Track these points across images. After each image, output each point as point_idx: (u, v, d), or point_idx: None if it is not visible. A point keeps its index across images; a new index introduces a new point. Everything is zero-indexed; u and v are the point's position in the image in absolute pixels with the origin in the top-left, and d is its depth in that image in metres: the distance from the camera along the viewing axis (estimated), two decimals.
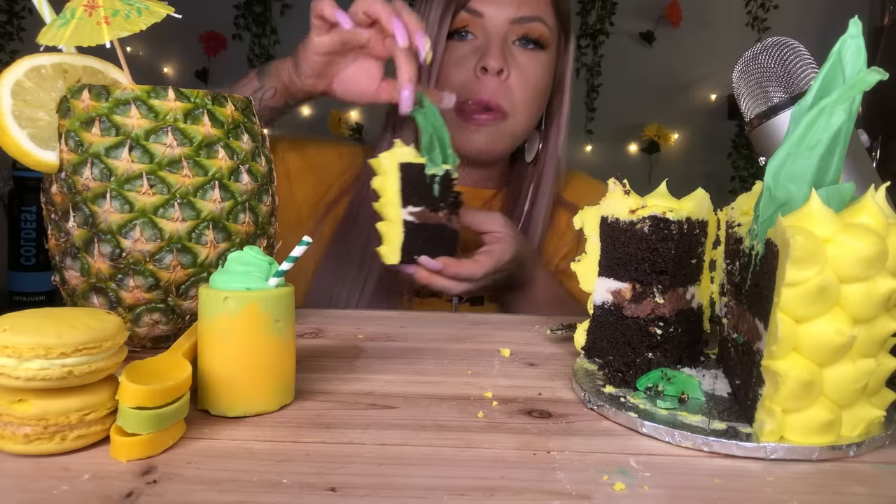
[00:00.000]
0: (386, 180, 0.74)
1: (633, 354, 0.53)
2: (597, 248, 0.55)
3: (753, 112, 0.58)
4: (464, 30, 0.94)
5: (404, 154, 0.74)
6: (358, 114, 2.83)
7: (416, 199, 0.75)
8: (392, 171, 0.74)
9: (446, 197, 0.77)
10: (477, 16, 0.93)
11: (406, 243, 0.75)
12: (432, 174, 0.75)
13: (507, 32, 0.93)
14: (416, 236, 0.76)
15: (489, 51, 0.92)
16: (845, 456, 0.39)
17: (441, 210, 0.77)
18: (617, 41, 2.78)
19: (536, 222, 0.98)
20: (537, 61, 0.95)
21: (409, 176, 0.74)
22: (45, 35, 0.54)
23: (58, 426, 0.36)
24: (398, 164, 0.74)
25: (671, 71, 2.79)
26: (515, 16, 0.92)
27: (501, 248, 0.80)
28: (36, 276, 1.43)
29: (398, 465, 0.37)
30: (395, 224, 0.75)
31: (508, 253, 0.80)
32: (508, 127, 0.95)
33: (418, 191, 0.75)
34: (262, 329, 0.43)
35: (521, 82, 0.94)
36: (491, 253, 0.80)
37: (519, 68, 0.94)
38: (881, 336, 0.39)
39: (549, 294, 0.89)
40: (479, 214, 0.83)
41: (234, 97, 0.58)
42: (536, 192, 0.99)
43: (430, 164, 0.75)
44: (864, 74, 0.39)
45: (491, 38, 0.93)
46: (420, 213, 0.76)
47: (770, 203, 0.42)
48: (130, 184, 0.52)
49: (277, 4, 2.76)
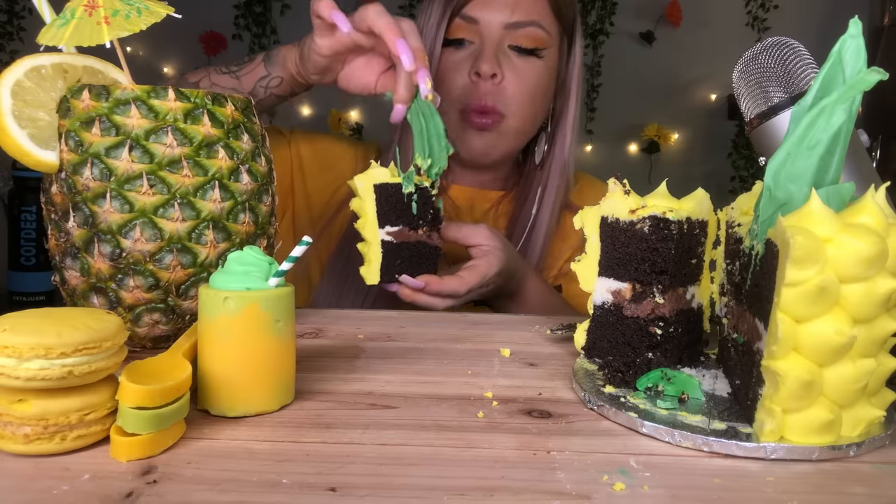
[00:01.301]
0: (362, 202, 0.74)
1: (633, 354, 0.53)
2: (597, 248, 0.55)
3: (753, 112, 0.58)
4: (460, 38, 0.94)
5: (379, 175, 0.75)
6: (358, 113, 2.82)
7: (394, 218, 0.76)
8: (367, 193, 0.74)
9: (425, 214, 0.77)
10: (472, 22, 0.93)
11: (385, 263, 0.76)
12: (409, 192, 0.76)
13: (501, 37, 0.93)
14: (395, 255, 0.76)
15: (482, 55, 0.92)
16: (845, 456, 0.39)
17: (420, 227, 0.77)
18: (617, 41, 2.78)
19: (542, 226, 0.98)
20: (534, 64, 0.95)
21: (384, 196, 0.75)
22: (45, 35, 0.54)
23: (58, 426, 0.36)
24: (373, 185, 0.74)
25: (671, 71, 2.80)
26: (510, 21, 0.92)
27: (488, 261, 0.79)
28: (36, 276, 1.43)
29: (398, 465, 0.37)
30: (373, 245, 0.75)
31: (495, 266, 0.79)
32: (506, 129, 0.95)
33: (395, 210, 0.75)
34: (262, 329, 0.43)
35: (518, 85, 0.94)
36: (476, 268, 0.79)
37: (515, 71, 0.93)
38: (881, 336, 0.39)
39: (540, 304, 0.88)
40: (463, 228, 0.82)
41: (233, 97, 0.58)
42: (543, 195, 0.99)
43: (432, 164, 0.76)
44: (864, 74, 0.39)
45: (485, 42, 0.93)
46: (398, 233, 0.76)
47: (770, 203, 0.42)
48: (130, 184, 0.52)
49: (277, 4, 2.76)
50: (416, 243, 0.78)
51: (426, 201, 0.77)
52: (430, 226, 0.78)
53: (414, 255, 0.78)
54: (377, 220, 0.75)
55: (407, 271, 0.77)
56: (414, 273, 0.77)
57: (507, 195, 1.04)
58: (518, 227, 1.00)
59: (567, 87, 1.01)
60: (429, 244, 0.79)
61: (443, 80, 0.95)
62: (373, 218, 0.75)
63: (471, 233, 0.82)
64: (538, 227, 0.98)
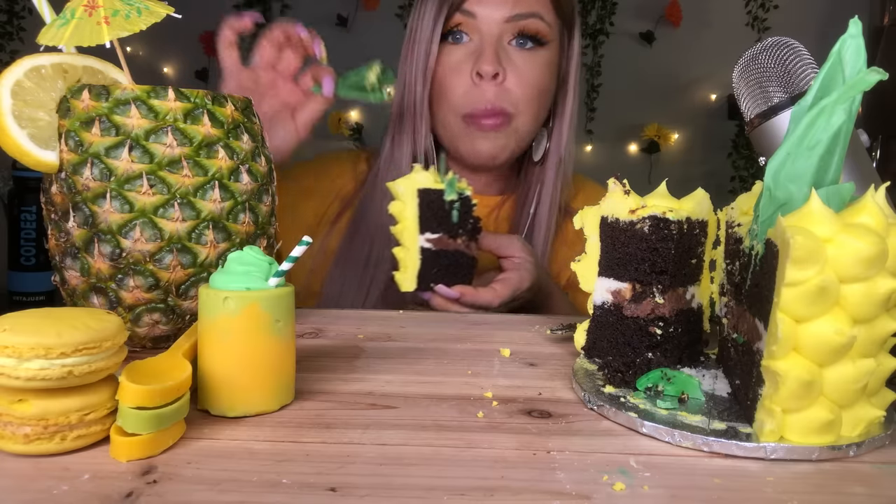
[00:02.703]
0: (403, 206, 0.72)
1: (633, 354, 0.53)
2: (597, 248, 0.55)
3: (753, 112, 0.58)
4: (458, 31, 0.92)
5: (422, 179, 0.72)
6: (358, 114, 2.83)
7: (434, 225, 0.74)
8: (410, 197, 0.72)
9: (465, 223, 0.75)
10: (470, 17, 0.91)
11: (422, 270, 0.74)
12: (451, 200, 0.74)
13: (501, 32, 0.92)
14: (432, 263, 0.74)
15: (483, 55, 0.90)
16: (845, 456, 0.39)
17: (459, 236, 0.75)
18: (617, 41, 2.78)
19: (540, 225, 0.97)
20: (535, 60, 0.93)
21: (427, 202, 0.72)
22: (45, 35, 0.54)
23: (58, 426, 0.36)
24: (416, 189, 0.72)
25: (671, 71, 2.80)
26: (510, 14, 0.91)
27: (520, 275, 0.78)
28: (36, 276, 1.43)
29: (398, 465, 0.37)
30: (411, 251, 0.73)
31: (527, 281, 0.79)
32: (515, 129, 0.94)
33: (436, 217, 0.73)
34: (262, 329, 0.43)
35: (520, 82, 0.92)
36: (508, 281, 0.78)
37: (516, 69, 0.92)
38: (881, 336, 0.39)
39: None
40: (497, 238, 0.82)
41: (233, 97, 0.58)
42: (541, 192, 0.98)
43: (448, 190, 0.74)
44: (864, 74, 0.39)
45: (485, 39, 0.91)
46: (437, 240, 0.74)
47: (770, 203, 0.42)
48: (130, 184, 0.52)
49: (277, 4, 2.76)
50: (454, 252, 0.76)
51: (467, 210, 0.75)
52: (469, 235, 0.76)
53: (451, 265, 0.76)
54: (418, 225, 0.73)
55: (443, 280, 0.75)
56: (449, 283, 0.75)
57: (506, 199, 1.03)
58: (518, 230, 0.99)
59: (566, 83, 1.00)
60: (466, 254, 0.77)
61: (442, 82, 0.93)
62: (413, 223, 0.73)
63: (505, 243, 0.81)
64: (537, 227, 0.97)
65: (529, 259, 0.80)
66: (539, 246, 0.96)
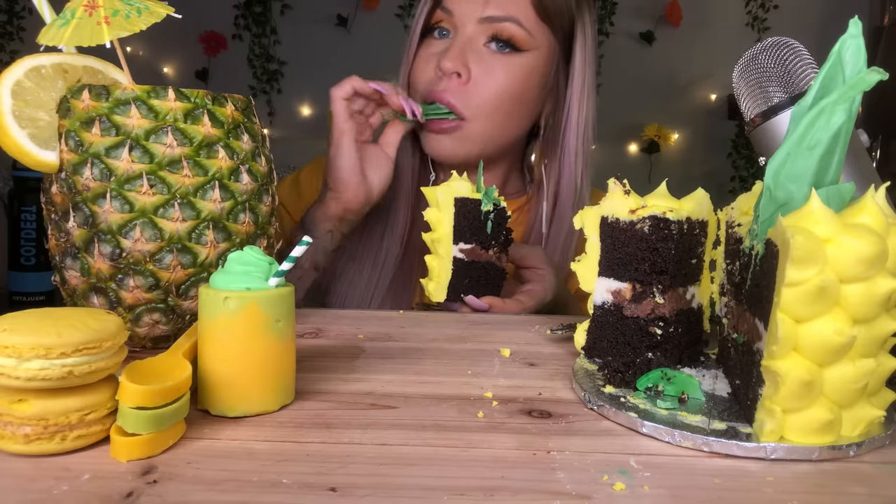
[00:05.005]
0: (441, 214, 0.71)
1: (633, 354, 0.53)
2: (597, 248, 0.55)
3: (753, 112, 0.58)
4: (441, 27, 0.92)
5: (460, 188, 0.71)
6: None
7: (468, 235, 0.73)
8: (447, 205, 0.71)
9: (499, 234, 0.75)
10: (448, 13, 0.90)
11: (453, 281, 0.73)
12: (487, 210, 0.73)
13: (475, 33, 0.89)
14: (464, 274, 0.74)
15: (448, 52, 0.89)
16: (845, 456, 0.39)
17: (492, 248, 0.75)
18: (617, 41, 2.78)
19: (556, 244, 0.94)
20: (510, 65, 0.89)
21: (464, 211, 0.71)
22: (45, 35, 0.54)
23: (58, 426, 0.36)
24: (454, 198, 0.71)
25: (671, 71, 2.80)
26: (483, 15, 0.88)
27: (544, 287, 0.78)
28: (36, 276, 1.43)
29: (398, 465, 0.37)
30: (444, 260, 0.72)
31: (551, 293, 0.78)
32: (468, 132, 0.90)
33: (471, 227, 0.72)
34: (262, 329, 0.43)
35: (486, 86, 0.88)
36: (533, 293, 0.78)
37: (487, 72, 0.88)
38: (881, 336, 0.39)
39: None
40: (521, 248, 0.81)
41: (233, 97, 0.58)
42: (552, 216, 0.95)
43: (485, 200, 0.73)
44: (864, 74, 0.39)
45: (457, 37, 0.90)
46: (470, 251, 0.73)
47: (770, 203, 0.42)
48: (130, 184, 0.52)
49: (277, 4, 2.76)
50: (485, 264, 0.75)
51: (501, 221, 0.74)
52: (500, 247, 0.76)
53: (482, 276, 0.75)
54: (452, 235, 0.72)
55: (472, 291, 0.74)
56: (479, 294, 0.75)
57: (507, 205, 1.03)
58: (530, 238, 0.97)
59: (560, 96, 0.96)
60: (497, 266, 0.77)
61: (413, 70, 0.93)
62: (449, 232, 0.72)
63: (529, 254, 0.80)
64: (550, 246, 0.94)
65: (551, 271, 0.80)
66: (556, 255, 0.94)
